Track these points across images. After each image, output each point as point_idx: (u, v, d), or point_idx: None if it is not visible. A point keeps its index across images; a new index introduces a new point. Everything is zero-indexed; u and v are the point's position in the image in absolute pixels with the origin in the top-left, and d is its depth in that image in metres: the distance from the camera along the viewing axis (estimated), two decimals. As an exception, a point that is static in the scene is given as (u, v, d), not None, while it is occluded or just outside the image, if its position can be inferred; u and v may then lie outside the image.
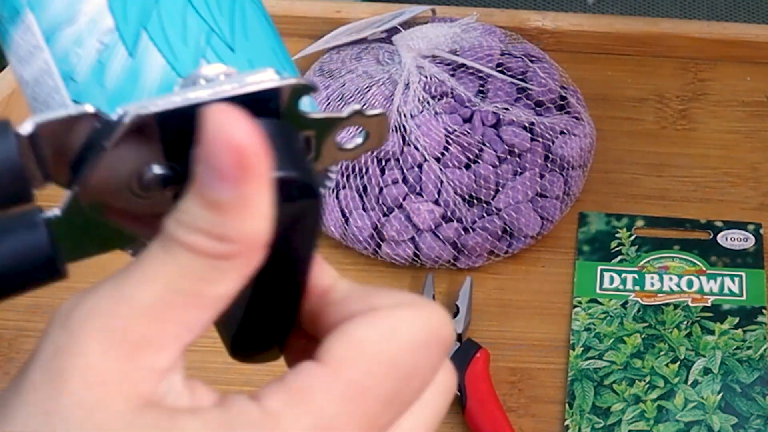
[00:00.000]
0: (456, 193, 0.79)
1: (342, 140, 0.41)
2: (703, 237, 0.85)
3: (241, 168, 0.32)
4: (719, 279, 0.82)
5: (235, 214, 0.33)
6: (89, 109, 0.36)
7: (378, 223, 0.79)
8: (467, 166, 0.81)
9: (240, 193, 0.33)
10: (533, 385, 0.78)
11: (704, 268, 0.82)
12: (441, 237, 0.80)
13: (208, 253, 0.34)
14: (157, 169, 0.37)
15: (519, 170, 0.81)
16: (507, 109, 0.82)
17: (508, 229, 0.81)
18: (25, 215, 0.38)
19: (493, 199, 0.80)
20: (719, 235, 0.84)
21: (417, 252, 0.78)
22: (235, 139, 0.32)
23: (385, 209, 0.79)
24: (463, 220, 0.80)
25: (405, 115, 0.82)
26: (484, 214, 0.80)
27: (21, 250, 0.38)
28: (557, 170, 0.83)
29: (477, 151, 0.81)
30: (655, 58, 0.98)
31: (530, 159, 0.82)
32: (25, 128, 0.36)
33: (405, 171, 0.79)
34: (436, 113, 0.82)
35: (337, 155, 0.42)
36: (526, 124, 0.82)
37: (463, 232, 0.80)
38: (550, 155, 0.82)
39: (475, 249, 0.80)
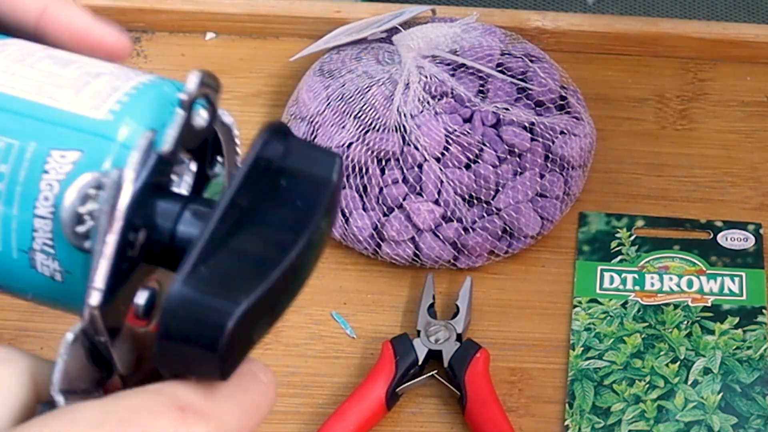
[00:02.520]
0: (456, 193, 0.80)
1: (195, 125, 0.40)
2: (703, 237, 0.85)
3: None
4: (719, 279, 0.82)
5: None
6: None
7: (378, 223, 0.79)
8: (467, 166, 0.81)
9: None
10: (533, 385, 0.78)
11: (704, 268, 0.82)
12: (441, 237, 0.80)
13: None
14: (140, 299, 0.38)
15: (519, 170, 0.82)
16: (507, 109, 0.82)
17: (508, 229, 0.81)
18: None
19: (493, 199, 0.80)
20: (719, 235, 0.84)
21: (417, 252, 0.78)
22: None
23: (385, 209, 0.79)
24: (463, 220, 0.80)
25: (405, 115, 0.82)
26: (484, 214, 0.80)
27: None
28: (557, 170, 0.83)
29: (477, 151, 0.81)
30: (655, 58, 0.98)
31: (530, 159, 0.82)
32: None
33: (405, 171, 0.79)
34: (436, 113, 0.82)
35: (209, 133, 0.41)
36: (526, 124, 0.82)
37: (463, 232, 0.80)
38: (550, 155, 0.82)
39: (475, 249, 0.80)
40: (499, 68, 0.85)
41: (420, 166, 0.79)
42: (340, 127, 0.85)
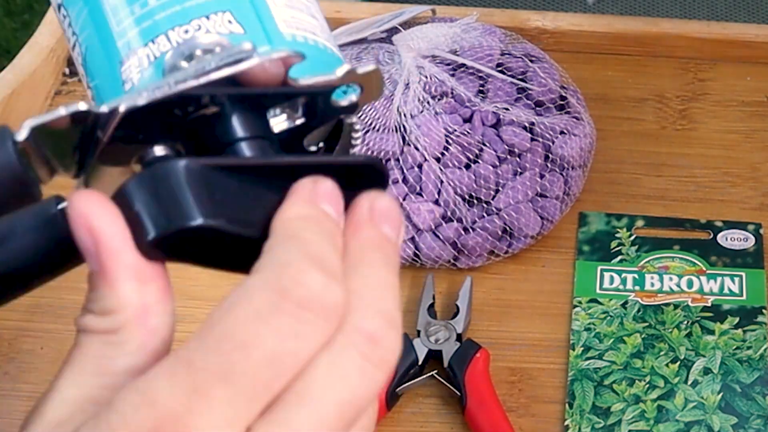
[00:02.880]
0: (456, 193, 0.80)
1: (337, 100, 0.41)
2: (703, 237, 0.85)
3: (95, 244, 0.36)
4: (719, 279, 0.82)
5: (104, 286, 0.36)
6: (81, 107, 0.38)
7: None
8: (467, 166, 0.81)
9: (101, 266, 0.36)
10: (533, 385, 0.78)
11: (704, 268, 0.82)
12: (441, 237, 0.80)
13: (97, 329, 0.36)
14: (159, 151, 0.38)
15: (519, 170, 0.82)
16: (507, 109, 0.83)
17: (508, 229, 0.81)
18: (43, 206, 0.39)
19: (493, 199, 0.80)
20: (719, 235, 0.84)
21: (417, 252, 0.78)
22: (89, 222, 0.36)
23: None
24: (463, 219, 0.80)
25: (405, 115, 0.82)
26: (484, 214, 0.81)
27: (41, 243, 0.39)
28: (557, 170, 0.83)
29: (477, 151, 0.81)
30: (655, 58, 0.98)
31: (530, 159, 0.82)
32: (22, 134, 0.38)
33: (405, 171, 0.79)
34: (436, 113, 0.82)
35: (336, 114, 0.42)
36: (526, 124, 0.82)
37: (463, 232, 0.80)
38: (550, 155, 0.83)
39: (475, 249, 0.80)
40: (499, 68, 0.85)
41: (420, 166, 0.79)
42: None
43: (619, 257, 0.84)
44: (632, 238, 0.85)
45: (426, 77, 0.84)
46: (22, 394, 0.77)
